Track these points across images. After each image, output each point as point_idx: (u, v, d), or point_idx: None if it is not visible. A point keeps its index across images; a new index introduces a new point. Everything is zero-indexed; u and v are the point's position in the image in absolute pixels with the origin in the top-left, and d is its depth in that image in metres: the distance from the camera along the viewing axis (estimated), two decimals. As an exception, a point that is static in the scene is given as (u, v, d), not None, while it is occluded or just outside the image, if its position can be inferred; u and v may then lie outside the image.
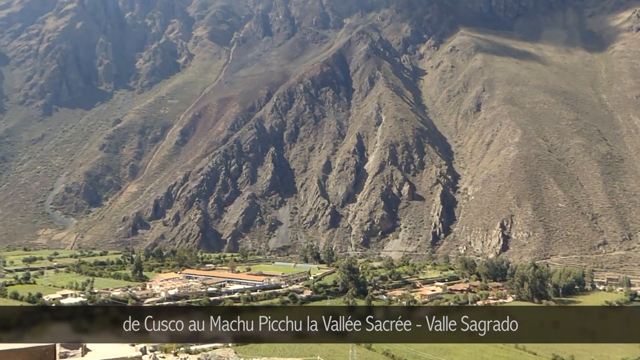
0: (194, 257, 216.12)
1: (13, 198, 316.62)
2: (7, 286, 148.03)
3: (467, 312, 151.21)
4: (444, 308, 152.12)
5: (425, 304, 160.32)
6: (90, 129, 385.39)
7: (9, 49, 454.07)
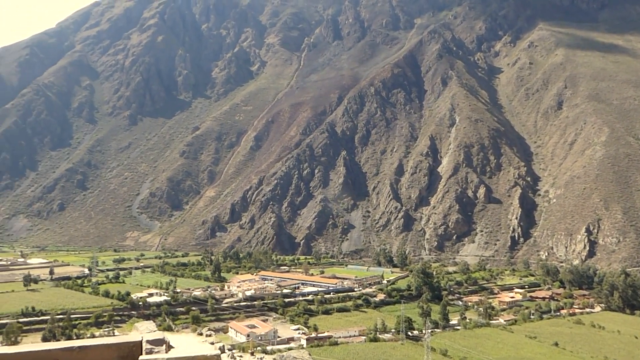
0: (269, 260, 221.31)
1: (104, 203, 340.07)
2: (100, 285, 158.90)
3: (551, 321, 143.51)
4: (524, 316, 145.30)
5: (503, 311, 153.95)
6: (172, 136, 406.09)
7: (98, 64, 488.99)
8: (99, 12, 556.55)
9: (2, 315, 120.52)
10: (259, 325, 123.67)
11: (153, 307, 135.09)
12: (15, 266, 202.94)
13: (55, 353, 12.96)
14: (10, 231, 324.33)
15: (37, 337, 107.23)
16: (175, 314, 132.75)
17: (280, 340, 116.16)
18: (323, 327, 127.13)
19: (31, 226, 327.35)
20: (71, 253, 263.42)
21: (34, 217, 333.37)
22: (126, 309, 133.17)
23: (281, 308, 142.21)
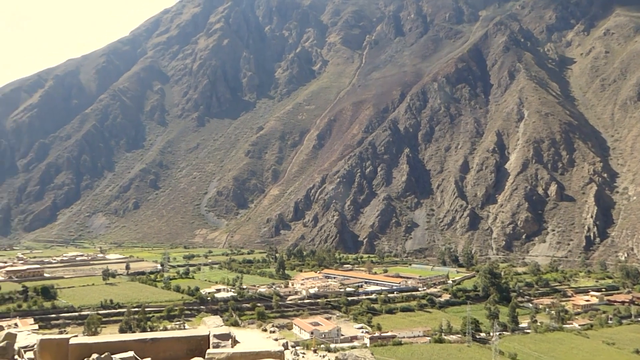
0: (332, 258, 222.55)
1: (174, 201, 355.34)
2: (171, 280, 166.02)
3: (631, 327, 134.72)
4: (601, 320, 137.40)
5: (578, 314, 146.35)
6: (237, 137, 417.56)
7: (168, 69, 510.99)
8: (168, 19, 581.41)
9: (84, 307, 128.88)
10: (322, 322, 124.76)
11: (220, 302, 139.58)
12: (95, 261, 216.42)
13: (129, 344, 13.87)
14: (90, 228, 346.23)
15: (114, 329, 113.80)
16: (241, 310, 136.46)
17: (343, 338, 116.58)
18: (386, 327, 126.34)
19: (109, 224, 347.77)
20: (145, 249, 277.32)
21: (112, 215, 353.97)
22: (195, 304, 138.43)
23: (344, 306, 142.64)
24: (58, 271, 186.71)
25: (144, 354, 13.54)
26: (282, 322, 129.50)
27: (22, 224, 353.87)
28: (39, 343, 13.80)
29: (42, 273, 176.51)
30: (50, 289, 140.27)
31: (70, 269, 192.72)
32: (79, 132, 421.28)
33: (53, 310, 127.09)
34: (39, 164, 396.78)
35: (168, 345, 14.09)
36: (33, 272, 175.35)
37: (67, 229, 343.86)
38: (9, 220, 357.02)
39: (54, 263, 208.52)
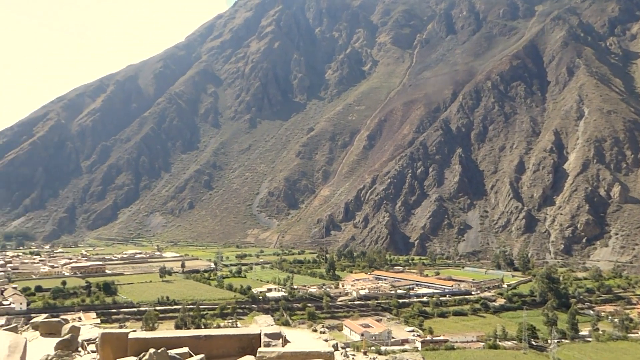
0: (383, 259, 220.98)
1: (227, 202, 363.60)
2: (224, 278, 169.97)
3: None
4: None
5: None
6: (288, 138, 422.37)
7: (222, 72, 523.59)
8: (221, 23, 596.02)
9: (142, 303, 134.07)
10: (373, 324, 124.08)
11: (272, 301, 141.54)
12: (153, 259, 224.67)
13: (184, 340, 14.33)
14: (148, 227, 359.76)
15: (170, 325, 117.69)
16: (292, 310, 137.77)
17: (394, 341, 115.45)
18: (438, 330, 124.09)
19: (165, 223, 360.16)
20: (199, 248, 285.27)
21: (168, 215, 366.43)
22: (247, 303, 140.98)
23: (395, 309, 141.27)
24: (118, 268, 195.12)
25: (197, 350, 13.94)
26: (333, 323, 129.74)
27: (86, 223, 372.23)
28: (101, 336, 14.49)
29: (103, 269, 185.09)
30: (111, 285, 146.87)
31: (129, 266, 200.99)
32: (138, 134, 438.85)
33: (114, 305, 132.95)
34: (101, 165, 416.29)
35: (221, 342, 14.45)
36: (96, 268, 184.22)
37: (127, 228, 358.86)
38: (74, 219, 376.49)
39: (114, 260, 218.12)
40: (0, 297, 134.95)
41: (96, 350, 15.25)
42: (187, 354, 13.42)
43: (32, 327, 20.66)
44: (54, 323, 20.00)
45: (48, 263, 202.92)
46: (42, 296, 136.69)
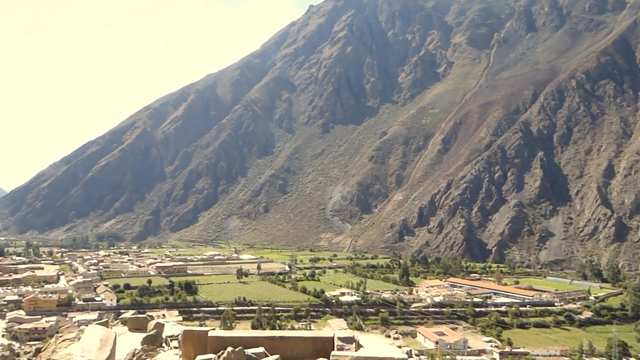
0: (458, 266, 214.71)
1: (301, 206, 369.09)
2: (298, 281, 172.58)
3: None
4: None
5: None
6: (361, 142, 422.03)
7: (295, 79, 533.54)
8: (295, 30, 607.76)
9: (221, 302, 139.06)
10: (448, 333, 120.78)
11: (345, 305, 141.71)
12: (230, 260, 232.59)
13: (260, 340, 14.78)
14: (226, 230, 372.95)
15: (247, 324, 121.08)
16: (365, 314, 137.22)
17: (470, 351, 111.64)
18: (518, 342, 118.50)
19: (242, 226, 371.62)
20: (274, 251, 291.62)
21: (244, 218, 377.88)
22: (321, 306, 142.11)
23: (471, 317, 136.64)
24: (199, 268, 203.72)
25: (272, 350, 14.30)
26: (406, 329, 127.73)
27: (169, 225, 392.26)
28: (183, 333, 15.27)
29: (185, 270, 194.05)
30: (192, 284, 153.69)
31: (209, 267, 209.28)
32: (217, 140, 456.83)
33: (194, 304, 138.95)
34: (183, 170, 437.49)
35: (295, 344, 14.75)
36: (178, 268, 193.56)
37: (207, 230, 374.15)
38: (158, 221, 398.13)
39: (195, 261, 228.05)
40: (94, 293, 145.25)
41: (178, 346, 16.07)
42: (263, 354, 13.83)
43: (121, 322, 22.04)
44: (141, 319, 21.24)
45: (135, 262, 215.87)
46: (130, 293, 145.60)
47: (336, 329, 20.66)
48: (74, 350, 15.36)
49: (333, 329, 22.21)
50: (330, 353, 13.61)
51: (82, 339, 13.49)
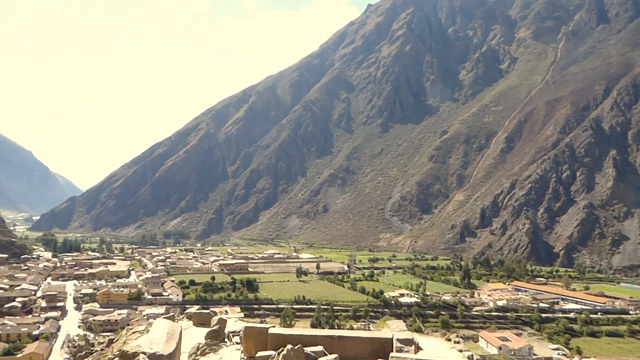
0: (523, 269, 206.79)
1: (360, 206, 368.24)
2: (357, 281, 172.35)
3: None
4: None
5: None
6: (420, 141, 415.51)
7: (354, 78, 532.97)
8: (353, 30, 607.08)
9: (280, 300, 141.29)
10: (511, 338, 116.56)
11: (404, 307, 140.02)
12: (290, 259, 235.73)
13: (319, 339, 14.93)
14: (286, 229, 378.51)
15: (306, 323, 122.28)
16: (424, 316, 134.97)
17: (535, 358, 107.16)
18: (588, 351, 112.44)
19: (301, 225, 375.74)
20: (333, 250, 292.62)
21: (304, 217, 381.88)
22: (379, 306, 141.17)
23: (537, 323, 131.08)
24: (259, 266, 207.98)
25: (331, 349, 14.41)
26: (467, 333, 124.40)
27: (231, 223, 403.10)
28: (244, 330, 15.70)
29: (246, 267, 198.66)
30: (253, 282, 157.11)
31: (269, 265, 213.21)
32: (276, 141, 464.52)
33: (255, 301, 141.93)
34: (244, 170, 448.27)
35: (354, 344, 14.80)
36: (240, 266, 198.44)
37: (267, 229, 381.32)
38: (221, 220, 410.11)
39: (256, 259, 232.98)
40: (161, 288, 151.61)
41: (240, 342, 16.55)
42: (322, 353, 13.97)
43: (187, 317, 22.93)
44: (205, 314, 22.03)
45: (200, 260, 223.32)
46: (194, 289, 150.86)
47: (395, 331, 20.38)
48: (143, 342, 16.18)
49: (392, 330, 22.03)
50: (389, 354, 13.55)
51: (150, 331, 14.20)
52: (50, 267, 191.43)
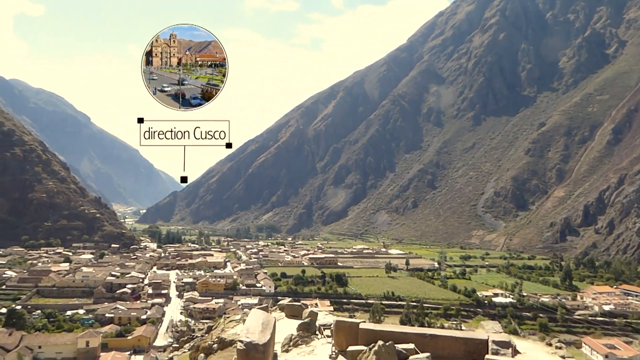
0: (634, 272, 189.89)
1: (451, 201, 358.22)
2: (447, 279, 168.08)
3: None
4: None
5: None
6: (515, 134, 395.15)
7: (444, 70, 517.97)
8: (443, 21, 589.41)
9: (369, 296, 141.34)
10: (620, 346, 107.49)
11: (498, 307, 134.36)
12: (379, 255, 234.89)
13: (410, 336, 14.75)
14: (374, 224, 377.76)
15: (395, 319, 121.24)
16: (520, 318, 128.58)
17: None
18: None
19: (390, 221, 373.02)
20: (423, 247, 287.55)
21: (393, 213, 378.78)
22: (472, 306, 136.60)
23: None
24: (348, 261, 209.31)
25: (423, 348, 14.20)
26: (569, 338, 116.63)
27: (321, 218, 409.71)
28: (335, 323, 15.91)
29: (336, 262, 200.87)
30: (342, 276, 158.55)
31: (358, 260, 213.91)
32: (365, 136, 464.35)
33: (344, 295, 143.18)
34: (333, 166, 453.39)
35: (447, 343, 14.48)
36: (329, 260, 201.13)
37: (356, 224, 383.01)
38: (311, 214, 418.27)
39: (345, 254, 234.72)
40: (254, 280, 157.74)
41: (331, 335, 16.80)
42: (413, 351, 13.79)
43: (279, 308, 23.68)
44: (297, 307, 22.60)
45: (290, 253, 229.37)
46: (285, 282, 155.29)
47: (490, 332, 19.57)
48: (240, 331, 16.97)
49: (487, 332, 21.17)
50: (484, 356, 13.09)
51: (246, 321, 14.83)
52: (156, 257, 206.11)
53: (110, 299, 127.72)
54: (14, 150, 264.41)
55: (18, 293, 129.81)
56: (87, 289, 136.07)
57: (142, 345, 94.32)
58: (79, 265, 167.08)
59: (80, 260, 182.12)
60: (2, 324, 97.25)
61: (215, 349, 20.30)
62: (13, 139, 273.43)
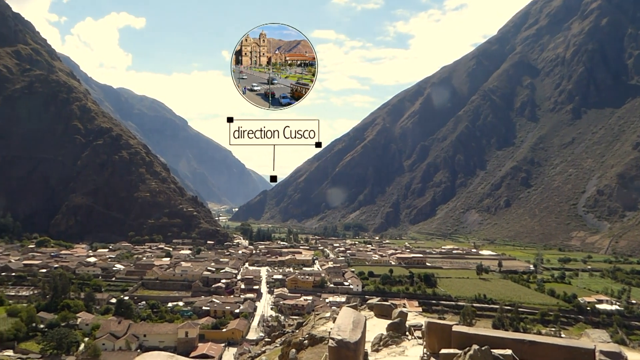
0: None
1: (547, 200, 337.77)
2: (544, 282, 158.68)
3: None
4: None
5: None
6: (622, 127, 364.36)
7: (538, 62, 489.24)
8: (537, 9, 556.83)
9: (460, 297, 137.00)
10: None
11: (603, 315, 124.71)
12: (469, 256, 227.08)
13: (507, 342, 14.03)
14: (464, 224, 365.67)
15: (487, 323, 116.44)
16: (628, 328, 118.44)
17: None
18: None
19: (481, 220, 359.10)
20: (517, 248, 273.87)
21: (484, 212, 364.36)
22: (572, 312, 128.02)
23: None
24: (437, 261, 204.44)
25: (521, 355, 13.46)
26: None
27: (408, 217, 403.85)
28: (427, 325, 15.51)
29: (424, 262, 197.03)
30: (431, 277, 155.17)
31: (447, 261, 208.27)
32: (453, 133, 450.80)
33: (433, 296, 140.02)
34: (420, 164, 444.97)
35: (547, 351, 13.60)
36: (417, 260, 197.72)
37: (444, 224, 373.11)
38: (398, 213, 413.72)
39: (433, 254, 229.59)
40: (342, 278, 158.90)
41: (422, 337, 16.45)
42: (511, 357, 13.11)
43: (368, 307, 23.59)
44: (386, 306, 22.36)
45: (378, 252, 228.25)
46: (373, 281, 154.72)
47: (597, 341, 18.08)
48: (331, 328, 17.11)
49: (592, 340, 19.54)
50: (591, 367, 12.14)
51: (337, 319, 14.90)
52: (247, 254, 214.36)
53: (206, 293, 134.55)
54: (122, 153, 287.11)
55: (126, 285, 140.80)
56: (186, 282, 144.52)
57: (236, 338, 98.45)
58: (178, 260, 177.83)
59: (179, 255, 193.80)
60: (112, 313, 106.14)
61: (306, 345, 20.66)
62: (120, 142, 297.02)
